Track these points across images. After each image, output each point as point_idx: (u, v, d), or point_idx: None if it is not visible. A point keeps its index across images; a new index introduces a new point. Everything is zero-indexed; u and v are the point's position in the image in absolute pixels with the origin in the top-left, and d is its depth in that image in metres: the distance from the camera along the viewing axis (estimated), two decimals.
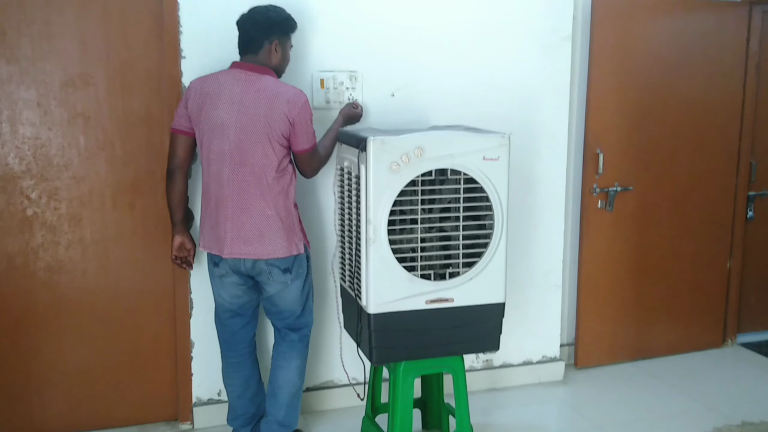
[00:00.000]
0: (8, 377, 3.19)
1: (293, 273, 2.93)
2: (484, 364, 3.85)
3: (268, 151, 2.80)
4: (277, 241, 2.85)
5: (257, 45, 2.87)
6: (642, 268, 4.12)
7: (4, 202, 3.07)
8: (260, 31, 2.87)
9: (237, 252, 2.86)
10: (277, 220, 2.85)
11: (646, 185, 4.03)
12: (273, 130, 2.78)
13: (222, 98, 2.81)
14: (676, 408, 3.67)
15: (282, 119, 2.78)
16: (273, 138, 2.79)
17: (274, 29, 2.89)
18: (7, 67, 3.00)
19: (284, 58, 2.96)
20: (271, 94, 2.79)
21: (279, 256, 2.86)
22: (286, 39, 2.95)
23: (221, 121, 2.80)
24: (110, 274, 3.25)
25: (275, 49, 2.89)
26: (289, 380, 3.02)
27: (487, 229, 2.82)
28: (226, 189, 2.84)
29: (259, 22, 2.87)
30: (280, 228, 2.86)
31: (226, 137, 2.80)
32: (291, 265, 2.91)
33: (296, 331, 3.05)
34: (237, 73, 2.84)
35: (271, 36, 2.88)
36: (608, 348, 4.13)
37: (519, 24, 3.59)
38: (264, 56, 2.89)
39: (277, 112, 2.77)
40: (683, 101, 4.05)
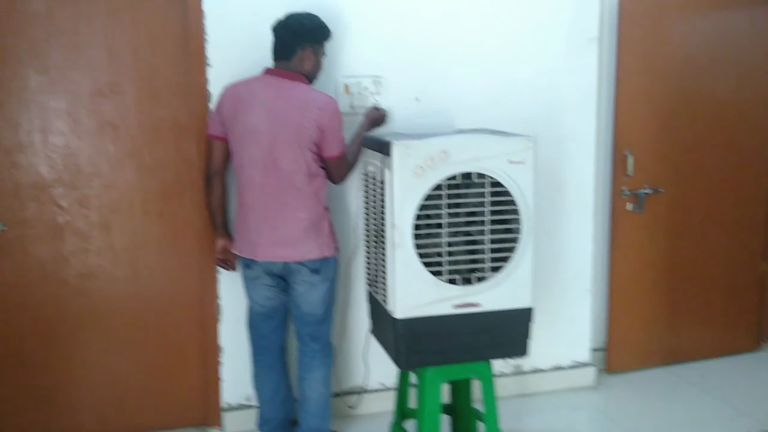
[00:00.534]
0: (40, 383, 3.24)
1: (321, 275, 2.95)
2: (513, 369, 3.82)
3: (299, 157, 2.82)
4: (309, 244, 2.90)
5: (290, 52, 2.91)
6: (674, 271, 4.05)
7: (36, 210, 3.13)
8: (294, 38, 2.90)
9: (271, 255, 2.91)
10: (309, 223, 2.89)
11: (677, 187, 3.97)
12: (303, 136, 2.81)
13: (255, 104, 2.84)
14: (709, 413, 3.60)
15: (312, 126, 2.81)
16: (303, 144, 2.82)
17: (308, 37, 2.92)
18: (38, 77, 3.06)
19: (317, 66, 2.99)
20: (303, 100, 2.82)
21: (311, 258, 2.90)
22: (319, 47, 2.98)
23: (253, 126, 2.83)
24: (139, 281, 3.28)
25: (308, 57, 2.93)
26: (315, 390, 3.04)
27: (514, 232, 2.79)
28: (258, 193, 2.88)
29: (293, 29, 2.90)
30: (312, 231, 2.90)
31: (259, 143, 2.84)
32: (320, 266, 2.94)
33: (317, 340, 3.05)
34: (269, 80, 2.88)
35: (304, 43, 2.91)
36: (640, 352, 4.07)
37: (545, 25, 3.56)
38: (296, 63, 2.92)
39: (308, 118, 2.80)
40: (714, 101, 3.98)
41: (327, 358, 3.08)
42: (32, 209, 3.12)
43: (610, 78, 3.81)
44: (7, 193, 3.09)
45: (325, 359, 3.07)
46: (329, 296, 3.03)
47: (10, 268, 3.13)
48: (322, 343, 3.06)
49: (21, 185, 3.09)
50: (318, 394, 3.05)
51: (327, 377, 3.08)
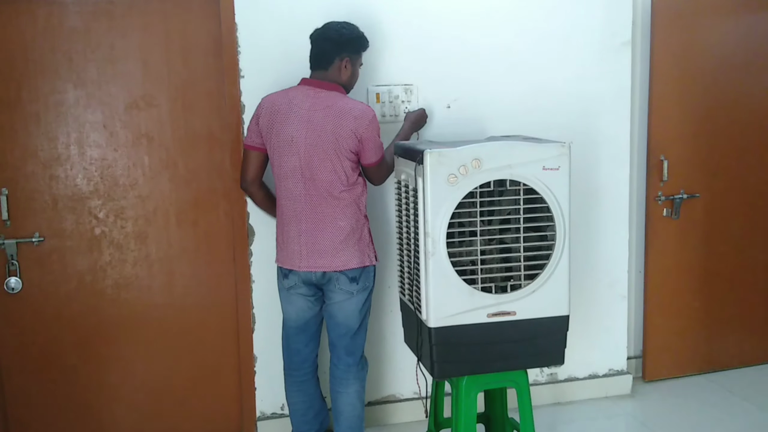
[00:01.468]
0: (78, 392, 3.29)
1: (360, 284, 2.95)
2: (548, 378, 3.78)
3: (337, 167, 2.83)
4: (349, 252, 2.90)
5: (328, 61, 2.91)
6: (711, 278, 3.98)
7: (73, 222, 3.18)
8: (332, 47, 2.90)
9: (312, 265, 2.91)
10: (349, 231, 2.90)
11: (714, 192, 3.90)
12: (341, 146, 2.82)
13: (291, 115, 2.85)
14: (749, 422, 3.53)
15: (350, 136, 2.82)
16: (341, 154, 2.83)
17: (347, 47, 2.92)
18: (75, 91, 3.11)
19: (353, 75, 2.99)
20: (339, 110, 2.82)
21: (351, 267, 2.91)
22: (357, 57, 2.98)
23: (291, 137, 2.84)
24: (175, 291, 3.31)
25: (345, 66, 2.93)
26: (349, 404, 3.03)
27: (549, 240, 2.76)
28: (298, 204, 2.88)
29: (331, 39, 2.90)
30: (352, 239, 2.91)
31: (296, 153, 2.84)
32: (359, 275, 2.94)
33: (351, 354, 3.04)
34: (306, 90, 2.89)
35: (342, 53, 2.91)
36: (677, 360, 4.00)
37: (576, 30, 3.53)
38: (334, 72, 2.92)
39: (345, 128, 2.81)
40: (751, 104, 3.91)
41: (361, 372, 3.07)
42: (69, 221, 3.17)
43: (643, 82, 3.77)
44: (45, 205, 3.14)
45: (359, 373, 3.06)
46: (365, 307, 3.02)
47: (48, 279, 3.19)
48: (356, 358, 3.05)
49: (59, 197, 3.15)
50: (352, 408, 3.04)
51: (361, 391, 3.06)
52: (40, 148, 3.11)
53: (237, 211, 3.27)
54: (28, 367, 3.22)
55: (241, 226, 3.28)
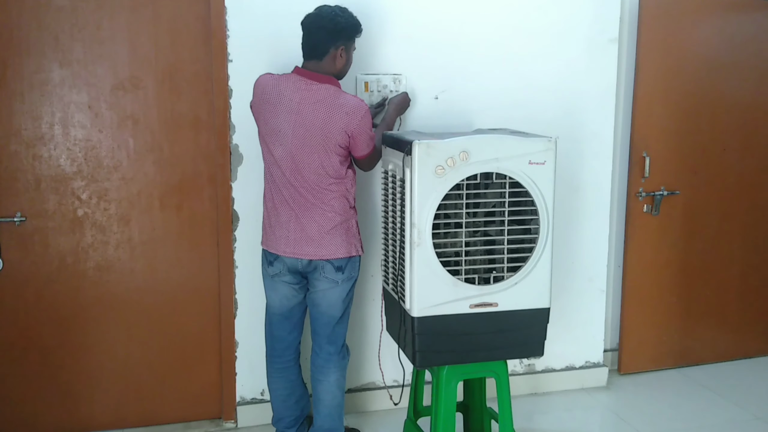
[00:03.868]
0: (57, 374, 3.27)
1: (345, 274, 2.95)
2: (526, 369, 3.83)
3: (325, 162, 2.82)
4: (337, 241, 2.90)
5: (323, 51, 2.84)
6: (688, 274, 4.05)
7: (56, 203, 3.15)
8: (327, 36, 2.82)
9: (299, 252, 2.90)
10: (337, 222, 2.89)
11: (694, 189, 3.96)
12: (330, 142, 2.79)
13: (281, 107, 2.82)
14: (723, 416, 3.61)
15: (340, 132, 2.79)
16: (329, 149, 2.81)
17: (342, 35, 2.85)
18: (60, 70, 3.08)
19: (348, 62, 2.94)
20: (329, 105, 2.78)
21: (338, 256, 2.90)
22: (351, 43, 2.92)
23: (279, 128, 2.83)
24: (157, 274, 3.30)
25: (340, 55, 2.86)
26: (329, 392, 3.04)
27: (533, 233, 2.79)
28: (286, 192, 2.88)
29: (325, 28, 2.82)
30: (340, 229, 2.90)
31: (284, 145, 2.82)
32: (345, 265, 2.94)
33: (333, 343, 3.03)
34: (298, 81, 2.83)
35: (337, 42, 2.84)
36: (653, 354, 4.07)
37: (565, 26, 3.55)
38: (328, 62, 2.85)
39: (335, 126, 2.78)
40: (733, 104, 3.97)
41: (342, 361, 3.06)
42: (52, 201, 3.15)
43: (629, 79, 3.81)
44: (28, 185, 3.11)
45: (339, 362, 3.05)
46: (349, 297, 3.02)
47: (29, 260, 3.16)
48: (337, 347, 3.04)
49: (42, 177, 3.12)
50: (332, 396, 3.05)
51: (341, 380, 3.07)
52: (24, 127, 3.07)
53: (222, 196, 3.26)
54: (6, 347, 3.19)
55: (225, 212, 3.27)
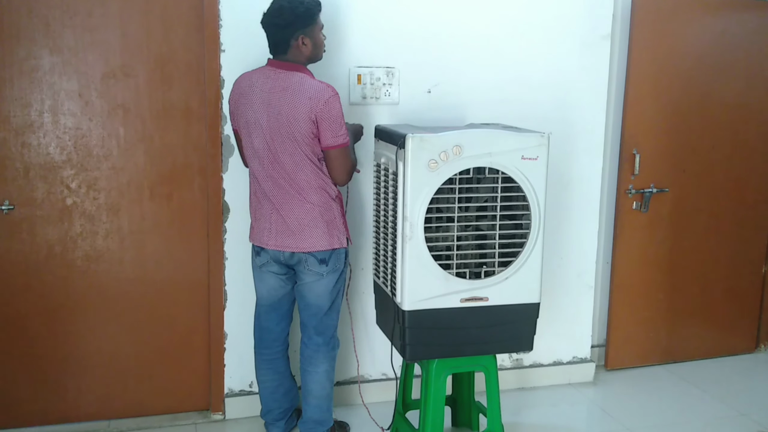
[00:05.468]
0: (44, 363, 3.24)
1: (329, 265, 2.93)
2: (514, 363, 3.84)
3: (297, 151, 2.79)
4: (316, 234, 2.87)
5: (284, 45, 2.82)
6: (676, 271, 4.07)
7: (44, 192, 3.12)
8: (282, 31, 2.80)
9: (280, 244, 2.90)
10: (317, 214, 2.87)
11: (683, 187, 3.98)
12: (298, 130, 2.75)
13: (254, 98, 2.82)
14: (707, 412, 3.64)
15: (305, 119, 2.74)
16: (299, 138, 2.76)
17: (296, 25, 2.80)
18: (50, 57, 3.04)
19: (316, 46, 2.87)
20: (294, 92, 2.75)
21: (320, 249, 2.88)
22: (312, 27, 2.84)
23: (255, 120, 2.82)
24: (146, 265, 3.28)
25: (303, 43, 2.82)
26: (318, 383, 3.04)
27: (524, 228, 2.80)
28: (265, 185, 2.87)
29: (278, 24, 2.80)
30: (320, 221, 2.87)
31: (260, 136, 2.82)
32: (328, 257, 2.92)
33: (321, 334, 3.02)
34: (267, 71, 2.83)
35: (295, 32, 2.80)
36: (639, 350, 4.10)
37: (558, 22, 3.56)
38: (294, 53, 2.83)
39: (300, 112, 2.73)
40: (723, 103, 3.99)
41: (331, 352, 3.06)
42: (41, 190, 3.12)
43: (620, 76, 3.82)
44: (16, 173, 3.08)
45: (328, 353, 3.05)
46: (336, 288, 3.00)
47: (17, 248, 3.13)
48: (326, 337, 3.04)
49: (30, 165, 3.09)
50: (320, 387, 3.05)
51: (330, 371, 3.06)
52: (13, 114, 3.04)
53: (212, 187, 3.25)
54: None
55: (216, 203, 3.25)
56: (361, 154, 3.29)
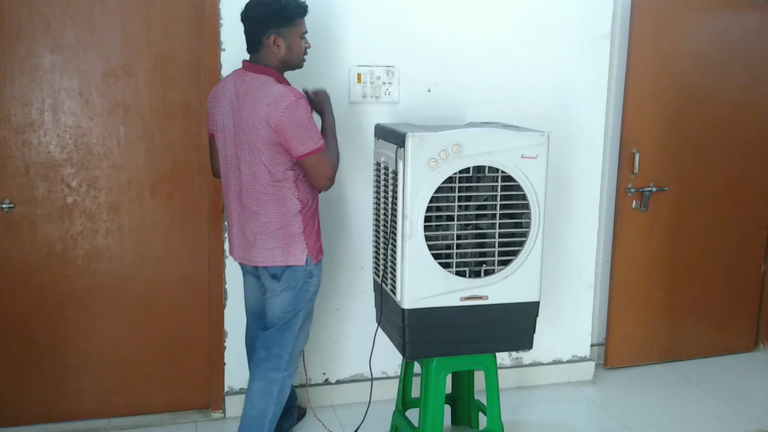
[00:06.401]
0: (45, 362, 3.25)
1: (281, 283, 2.77)
2: (513, 362, 3.85)
3: (256, 159, 2.65)
4: (269, 249, 2.73)
5: (256, 43, 2.69)
6: (675, 270, 4.08)
7: (45, 190, 3.13)
8: (254, 27, 2.67)
9: (239, 256, 2.86)
10: (272, 228, 2.72)
11: (682, 186, 3.99)
12: (256, 137, 2.62)
13: (224, 101, 2.73)
14: (706, 411, 3.64)
15: (263, 126, 2.59)
16: (258, 145, 2.63)
17: (268, 22, 2.64)
18: (51, 56, 3.05)
19: (291, 50, 2.70)
20: (255, 98, 2.61)
21: (274, 264, 2.75)
22: (288, 29, 2.67)
23: (223, 125, 2.74)
24: (147, 263, 3.29)
25: (275, 44, 2.66)
26: (248, 399, 2.86)
27: (524, 227, 2.81)
28: (230, 193, 2.80)
29: (251, 18, 2.67)
30: (276, 236, 2.73)
31: (228, 142, 2.73)
32: (281, 274, 2.76)
33: (266, 348, 2.84)
34: (238, 74, 2.73)
35: (267, 30, 2.65)
36: (639, 349, 4.10)
37: (558, 21, 3.56)
38: (265, 53, 2.69)
39: (258, 118, 2.59)
40: (723, 102, 4.00)
41: (271, 373, 2.82)
42: (41, 188, 3.12)
43: (620, 75, 3.83)
44: (17, 172, 3.09)
45: (267, 373, 2.82)
46: (293, 308, 2.82)
47: (17, 247, 3.14)
48: (270, 354, 2.83)
49: (31, 164, 3.09)
50: (249, 405, 2.84)
51: (268, 391, 2.83)
52: (13, 113, 3.05)
53: (213, 186, 3.25)
54: None
55: (216, 201, 3.26)
56: (361, 154, 3.29)
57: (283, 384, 2.85)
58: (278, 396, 2.84)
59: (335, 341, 3.52)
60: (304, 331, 2.91)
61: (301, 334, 2.90)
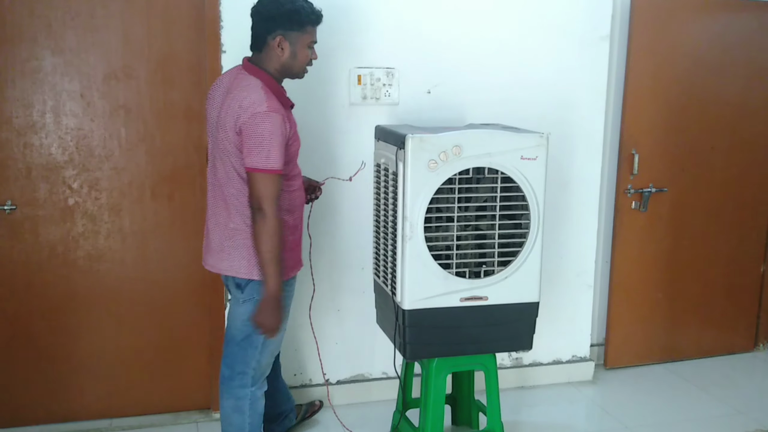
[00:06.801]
0: (47, 363, 3.26)
1: (245, 293, 2.64)
2: (513, 362, 3.86)
3: (227, 161, 2.54)
4: (234, 258, 2.61)
5: (261, 41, 2.58)
6: (675, 270, 4.09)
7: (47, 191, 3.14)
8: (261, 24, 2.56)
9: (206, 262, 2.76)
10: (238, 236, 2.59)
11: (682, 187, 4.00)
12: (225, 137, 2.52)
13: (216, 97, 2.63)
14: (706, 411, 3.66)
15: (231, 126, 2.48)
16: (228, 147, 2.52)
17: (277, 21, 2.53)
18: (52, 58, 3.06)
19: (294, 57, 2.59)
20: (233, 97, 2.50)
21: (237, 276, 2.63)
22: (297, 34, 2.57)
23: (210, 122, 2.66)
24: (148, 264, 3.30)
25: (280, 46, 2.55)
26: (224, 416, 2.77)
27: (523, 228, 2.82)
28: (209, 193, 2.70)
29: (260, 13, 2.56)
30: (241, 245, 2.59)
31: (210, 138, 2.65)
32: (245, 285, 2.63)
33: (228, 366, 2.72)
34: (236, 72, 2.63)
35: (274, 30, 2.54)
36: (638, 349, 4.12)
37: (557, 22, 3.57)
38: (269, 55, 2.58)
39: (230, 118, 2.49)
40: (721, 102, 4.01)
41: (238, 390, 2.71)
42: (43, 190, 3.14)
43: (619, 76, 3.84)
44: (19, 173, 3.10)
45: (233, 390, 2.71)
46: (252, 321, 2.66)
47: (19, 248, 3.15)
48: (233, 371, 2.71)
49: (32, 165, 3.11)
50: (226, 422, 2.76)
51: (240, 408, 2.73)
52: (15, 115, 3.06)
53: None
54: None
55: None
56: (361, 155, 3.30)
57: (254, 397, 2.75)
58: (251, 409, 2.74)
59: (336, 342, 3.54)
60: (268, 346, 2.73)
61: (266, 350, 2.73)
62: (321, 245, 3.40)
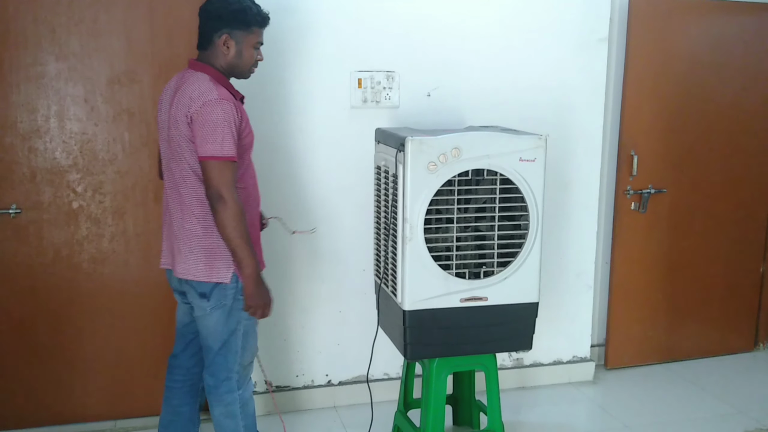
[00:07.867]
0: (51, 365, 3.29)
1: (212, 301, 2.56)
2: (514, 363, 3.88)
3: (181, 158, 2.49)
4: (191, 261, 2.54)
5: (207, 39, 2.54)
6: (674, 271, 4.11)
7: (51, 195, 3.17)
8: (209, 22, 2.53)
9: (163, 262, 2.70)
10: (194, 237, 2.53)
11: (681, 188, 4.02)
12: (177, 132, 2.47)
13: (164, 100, 2.61)
14: (706, 410, 3.68)
15: (183, 119, 2.44)
16: (181, 142, 2.48)
17: (224, 20, 2.51)
18: (56, 63, 3.10)
19: (240, 56, 2.56)
20: (183, 91, 2.47)
21: (197, 279, 2.54)
22: (242, 33, 2.54)
23: (160, 123, 2.62)
24: (151, 267, 3.32)
25: (225, 45, 2.52)
26: (217, 425, 2.73)
27: (522, 229, 2.84)
28: (167, 194, 2.64)
29: (208, 12, 2.54)
30: (197, 247, 2.53)
31: (163, 140, 2.61)
32: (210, 292, 2.55)
33: (212, 375, 2.66)
34: (182, 73, 2.60)
35: (220, 29, 2.51)
36: (639, 349, 4.14)
37: (555, 25, 3.60)
38: (213, 53, 2.54)
39: (180, 111, 2.45)
40: (720, 104, 4.03)
41: (226, 396, 2.67)
42: (47, 194, 3.17)
43: (618, 78, 3.86)
44: (23, 177, 3.13)
45: (222, 396, 2.67)
46: (229, 327, 2.61)
47: (24, 251, 3.18)
48: (218, 380, 2.66)
49: (37, 169, 3.14)
50: (219, 428, 2.73)
51: (231, 412, 2.70)
52: (20, 120, 3.10)
53: None
54: (0, 339, 3.22)
55: None
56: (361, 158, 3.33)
57: (242, 399, 2.73)
58: (243, 412, 2.73)
59: (338, 343, 3.56)
60: (248, 347, 2.71)
61: (246, 352, 2.70)
62: (322, 247, 3.43)
